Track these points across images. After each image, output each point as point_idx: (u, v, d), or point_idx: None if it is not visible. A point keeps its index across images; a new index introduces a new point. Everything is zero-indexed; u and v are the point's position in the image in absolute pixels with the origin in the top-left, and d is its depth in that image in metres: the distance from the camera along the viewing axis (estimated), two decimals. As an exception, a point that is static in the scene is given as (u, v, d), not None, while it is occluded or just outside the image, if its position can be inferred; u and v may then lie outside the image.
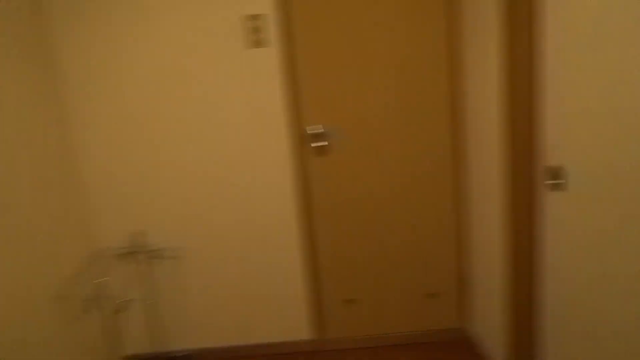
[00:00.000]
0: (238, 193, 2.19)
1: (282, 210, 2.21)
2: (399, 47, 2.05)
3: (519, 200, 1.66)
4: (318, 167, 2.18)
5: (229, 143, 2.13)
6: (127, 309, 2.32)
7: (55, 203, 1.88)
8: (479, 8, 1.79)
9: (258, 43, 1.99)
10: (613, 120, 1.16)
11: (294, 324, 2.38)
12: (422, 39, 2.04)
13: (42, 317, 1.69)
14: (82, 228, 2.10)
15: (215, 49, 2.02)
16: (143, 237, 2.23)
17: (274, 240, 2.25)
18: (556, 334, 1.61)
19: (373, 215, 2.25)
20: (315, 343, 2.40)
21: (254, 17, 1.96)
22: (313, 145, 2.14)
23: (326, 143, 2.14)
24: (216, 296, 2.32)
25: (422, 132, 2.14)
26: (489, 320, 2.09)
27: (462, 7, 1.97)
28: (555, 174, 1.46)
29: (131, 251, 2.24)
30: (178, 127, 2.11)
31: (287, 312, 2.36)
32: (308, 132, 2.12)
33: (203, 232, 2.24)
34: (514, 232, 1.71)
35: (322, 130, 2.12)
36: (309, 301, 2.34)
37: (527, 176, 1.63)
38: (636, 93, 1.06)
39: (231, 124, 2.10)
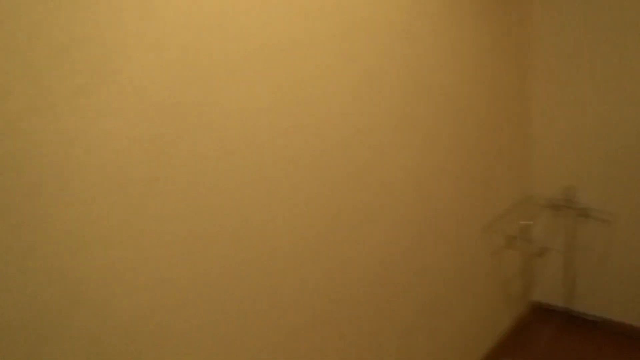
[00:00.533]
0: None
1: None
2: None
3: None
4: None
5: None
6: (543, 257, 2.43)
7: (503, 145, 2.11)
8: None
9: None
10: None
11: None
12: None
13: (474, 244, 1.98)
14: (520, 172, 2.29)
15: None
16: (574, 192, 2.25)
17: None
18: None
19: None
20: None
21: None
22: None
23: None
24: (642, 271, 2.16)
25: None
26: None
27: None
28: None
29: (559, 204, 2.31)
30: (634, 84, 1.99)
31: None
32: None
33: (638, 202, 2.09)
34: None
35: None
36: None
37: None
38: None
39: None
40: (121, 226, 0.85)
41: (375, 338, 1.49)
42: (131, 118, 0.85)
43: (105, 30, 0.80)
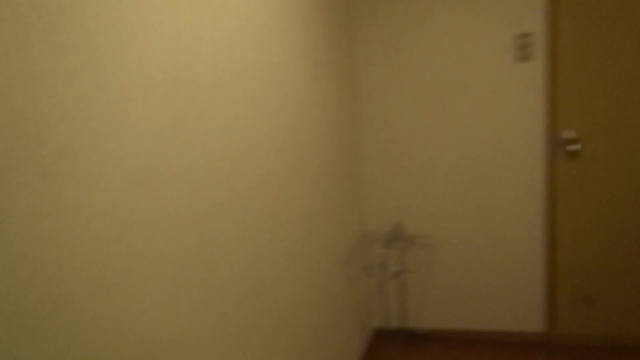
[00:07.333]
0: (489, 187, 2.46)
1: (528, 206, 2.43)
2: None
3: None
4: (566, 170, 2.36)
5: (486, 145, 2.41)
6: (383, 285, 2.73)
7: (346, 191, 2.32)
8: None
9: (524, 58, 2.25)
10: None
11: (527, 316, 2.57)
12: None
13: (331, 278, 2.12)
14: (358, 213, 2.54)
15: (487, 62, 2.33)
16: (401, 225, 2.61)
17: (517, 235, 2.48)
18: None
19: (617, 217, 2.36)
20: (546, 336, 2.56)
21: (524, 35, 2.23)
22: (564, 150, 2.33)
23: (576, 148, 2.31)
24: (457, 283, 2.61)
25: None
26: None
27: None
28: None
29: (391, 237, 2.63)
30: (442, 130, 2.46)
31: (521, 303, 2.56)
32: (560, 137, 2.32)
33: (452, 225, 2.55)
34: None
35: (575, 135, 2.30)
36: (544, 295, 2.52)
37: None
38: None
39: (491, 126, 2.39)
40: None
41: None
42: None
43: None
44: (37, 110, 0.69)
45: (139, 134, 0.90)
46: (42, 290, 0.69)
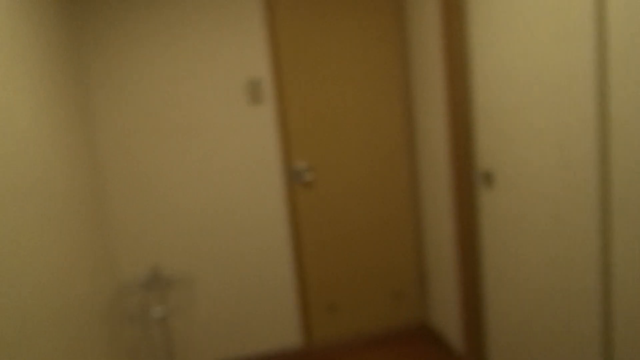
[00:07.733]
0: (239, 220, 2.63)
1: (275, 233, 2.68)
2: (363, 100, 2.66)
3: (463, 201, 2.26)
4: (304, 196, 2.68)
5: (232, 181, 2.58)
6: (149, 331, 2.63)
7: (96, 242, 2.22)
8: (424, 53, 2.45)
9: (257, 100, 2.51)
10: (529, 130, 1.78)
11: (287, 333, 2.80)
12: (381, 92, 2.67)
13: (90, 334, 2.01)
14: (112, 262, 2.43)
15: (225, 105, 2.51)
16: (159, 268, 2.59)
17: (269, 260, 2.70)
18: (498, 320, 2.18)
19: (348, 232, 2.78)
20: (305, 348, 2.83)
21: (255, 81, 2.49)
22: (299, 179, 2.65)
23: (310, 177, 2.66)
24: (221, 315, 2.70)
25: (383, 162, 2.74)
26: (447, 312, 2.65)
27: (411, 58, 2.63)
28: (487, 176, 2.09)
29: (150, 282, 2.58)
30: (189, 171, 2.54)
31: (281, 322, 2.78)
32: (295, 169, 2.63)
33: (208, 260, 2.64)
34: (459, 231, 2.31)
35: (306, 166, 2.64)
36: (299, 311, 2.79)
37: (467, 182, 2.25)
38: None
39: (234, 165, 2.57)
40: None
41: None
42: None
43: None
44: None
45: None
46: None
